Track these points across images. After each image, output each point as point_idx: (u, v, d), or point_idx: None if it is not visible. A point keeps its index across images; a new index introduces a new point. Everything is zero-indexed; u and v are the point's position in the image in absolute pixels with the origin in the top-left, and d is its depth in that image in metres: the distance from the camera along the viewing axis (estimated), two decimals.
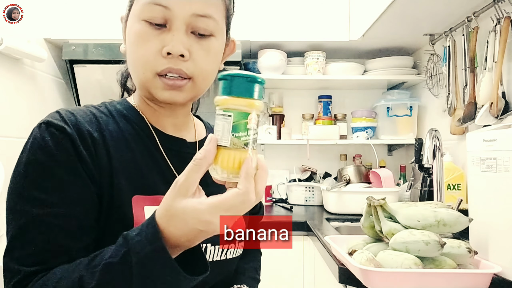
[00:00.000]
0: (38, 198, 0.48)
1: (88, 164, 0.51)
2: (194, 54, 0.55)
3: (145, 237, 0.43)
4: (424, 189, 1.32)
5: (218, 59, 0.61)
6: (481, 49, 1.31)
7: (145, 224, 0.44)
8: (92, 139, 0.53)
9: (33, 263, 0.47)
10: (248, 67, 1.93)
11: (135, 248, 0.43)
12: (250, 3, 1.77)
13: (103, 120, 0.57)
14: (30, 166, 0.49)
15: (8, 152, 1.37)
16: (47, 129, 0.51)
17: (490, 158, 0.78)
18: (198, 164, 0.42)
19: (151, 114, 0.62)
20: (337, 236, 0.97)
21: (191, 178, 0.42)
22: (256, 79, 0.44)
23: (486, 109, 1.21)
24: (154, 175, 0.58)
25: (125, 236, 0.45)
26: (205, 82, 0.59)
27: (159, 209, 0.44)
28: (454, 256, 0.74)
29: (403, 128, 1.88)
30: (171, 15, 0.53)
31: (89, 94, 1.86)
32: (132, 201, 0.54)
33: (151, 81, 0.55)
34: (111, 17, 1.71)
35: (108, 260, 0.44)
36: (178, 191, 0.43)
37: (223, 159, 0.44)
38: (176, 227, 0.43)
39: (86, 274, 0.44)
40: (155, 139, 0.60)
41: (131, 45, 0.56)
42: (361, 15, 1.66)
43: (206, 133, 0.72)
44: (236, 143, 0.44)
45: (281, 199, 2.04)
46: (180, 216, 0.42)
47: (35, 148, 0.50)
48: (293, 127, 2.10)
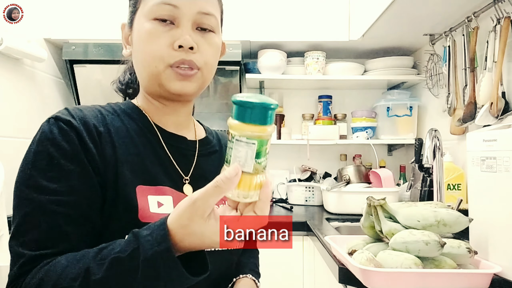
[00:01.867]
0: (44, 186, 0.51)
1: (94, 155, 0.55)
2: (201, 47, 0.60)
3: (155, 238, 0.45)
4: (424, 189, 1.32)
5: (218, 54, 0.66)
6: (481, 49, 1.31)
7: (157, 225, 0.46)
8: (98, 132, 0.57)
9: (37, 248, 0.50)
10: (248, 67, 1.93)
11: (144, 246, 0.45)
12: (250, 3, 1.77)
13: (109, 117, 0.61)
14: (37, 156, 0.53)
15: (8, 152, 1.37)
16: (56, 123, 0.54)
17: (490, 158, 0.78)
18: (219, 189, 0.43)
19: (154, 113, 0.66)
20: (337, 236, 0.97)
21: (209, 201, 0.44)
22: (276, 106, 0.45)
23: (486, 109, 1.21)
24: (157, 168, 0.61)
25: (135, 234, 0.47)
26: (209, 74, 0.64)
27: (173, 222, 0.45)
28: (454, 256, 0.74)
29: (403, 128, 1.88)
30: (179, 13, 0.58)
31: (89, 94, 1.86)
32: (136, 190, 0.56)
33: (163, 73, 0.59)
34: (111, 17, 1.71)
35: (117, 254, 0.45)
36: (195, 212, 0.44)
37: (245, 184, 0.45)
38: (191, 243, 0.46)
39: (93, 265, 0.46)
40: (157, 135, 0.64)
41: (142, 42, 0.60)
42: (361, 15, 1.66)
43: (205, 135, 0.75)
44: (258, 168, 0.45)
45: (281, 199, 2.04)
46: (197, 236, 0.45)
47: (43, 140, 0.53)
48: (293, 127, 2.10)
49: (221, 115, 2.01)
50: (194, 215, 0.44)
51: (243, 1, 1.76)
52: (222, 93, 1.92)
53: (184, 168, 0.65)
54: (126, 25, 0.65)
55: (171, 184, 0.61)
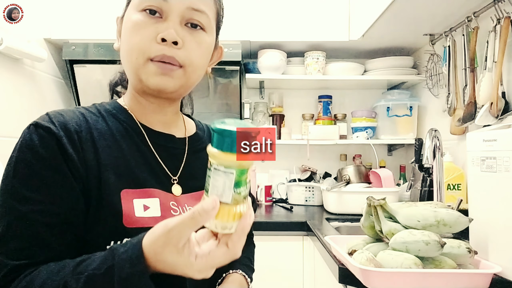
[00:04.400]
0: (25, 196, 0.51)
1: (75, 162, 0.54)
2: (187, 44, 0.58)
3: (130, 258, 0.44)
4: (424, 189, 1.32)
5: (208, 55, 0.63)
6: (481, 49, 1.31)
7: (133, 244, 0.45)
8: (79, 137, 0.56)
9: (19, 257, 0.50)
10: (248, 67, 1.93)
11: (119, 265, 0.44)
12: (250, 3, 1.77)
13: (92, 119, 0.60)
14: (18, 165, 0.52)
15: (7, 152, 1.37)
16: (35, 130, 0.54)
17: (490, 158, 0.78)
18: (195, 221, 0.42)
19: (140, 111, 0.64)
20: (337, 236, 0.97)
21: (185, 232, 0.42)
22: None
23: (486, 109, 1.21)
24: (143, 169, 0.60)
25: (112, 250, 0.46)
26: (194, 74, 0.61)
27: (147, 245, 0.44)
28: (454, 256, 0.74)
29: (403, 128, 1.88)
30: (167, 6, 0.56)
31: (89, 94, 1.86)
32: (121, 195, 0.55)
33: (143, 67, 0.57)
34: (111, 17, 1.70)
35: (92, 271, 0.45)
36: (169, 241, 0.43)
37: (224, 215, 0.43)
38: (164, 269, 0.45)
39: (71, 280, 0.46)
40: (143, 135, 0.63)
41: (127, 33, 0.58)
42: (361, 15, 1.66)
43: (195, 130, 0.73)
44: (237, 199, 0.43)
45: (281, 199, 2.04)
46: (169, 265, 0.44)
47: (23, 148, 0.53)
48: (293, 127, 2.10)
49: (221, 115, 2.01)
50: (167, 244, 0.43)
51: (243, 1, 1.76)
52: (222, 93, 1.92)
53: (173, 167, 0.64)
54: (119, 18, 0.64)
55: (159, 185, 0.60)
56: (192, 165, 0.66)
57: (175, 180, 0.63)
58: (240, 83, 1.90)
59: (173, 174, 0.64)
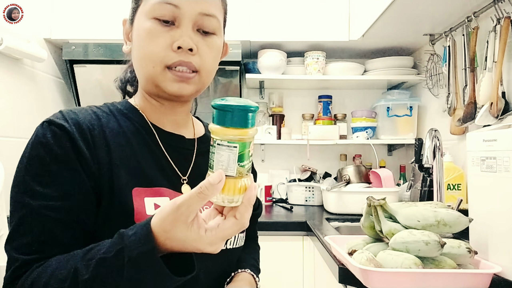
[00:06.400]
0: (37, 191, 0.52)
1: (87, 159, 0.54)
2: (200, 49, 0.60)
3: (139, 239, 0.45)
4: (424, 189, 1.32)
5: (219, 57, 0.65)
6: (481, 49, 1.31)
7: (141, 226, 0.46)
8: (92, 135, 0.56)
9: (31, 252, 0.51)
10: (248, 67, 1.93)
11: (129, 247, 0.45)
12: (250, 3, 1.77)
13: (104, 118, 0.61)
14: (31, 161, 0.53)
15: (8, 152, 1.37)
16: (49, 127, 0.54)
17: (490, 158, 0.78)
18: (203, 195, 0.43)
19: (152, 112, 0.66)
20: (337, 236, 0.97)
21: (193, 207, 0.43)
22: (256, 108, 0.45)
23: (486, 109, 1.21)
24: (154, 169, 0.61)
25: (121, 234, 0.47)
26: (208, 77, 0.63)
27: (156, 224, 0.45)
28: (454, 256, 0.74)
29: (403, 128, 1.88)
30: (180, 13, 0.57)
31: (89, 94, 1.86)
32: (132, 193, 0.56)
33: (160, 74, 0.58)
34: (111, 17, 1.71)
35: (102, 255, 0.46)
36: (179, 218, 0.43)
37: (229, 188, 0.45)
38: (173, 247, 0.45)
39: (81, 266, 0.46)
40: (154, 135, 0.64)
41: (141, 41, 0.59)
42: (361, 15, 1.66)
43: (204, 132, 0.75)
44: (241, 171, 0.45)
45: (281, 199, 2.04)
46: (179, 242, 0.45)
47: (37, 145, 0.53)
48: (293, 127, 2.10)
49: None
50: (177, 220, 0.43)
51: (243, 1, 1.76)
52: (222, 93, 1.92)
53: (182, 167, 0.65)
54: (128, 21, 0.65)
55: (169, 185, 0.61)
56: (200, 166, 0.67)
57: (184, 180, 0.64)
58: (240, 83, 1.90)
59: (183, 174, 0.65)
